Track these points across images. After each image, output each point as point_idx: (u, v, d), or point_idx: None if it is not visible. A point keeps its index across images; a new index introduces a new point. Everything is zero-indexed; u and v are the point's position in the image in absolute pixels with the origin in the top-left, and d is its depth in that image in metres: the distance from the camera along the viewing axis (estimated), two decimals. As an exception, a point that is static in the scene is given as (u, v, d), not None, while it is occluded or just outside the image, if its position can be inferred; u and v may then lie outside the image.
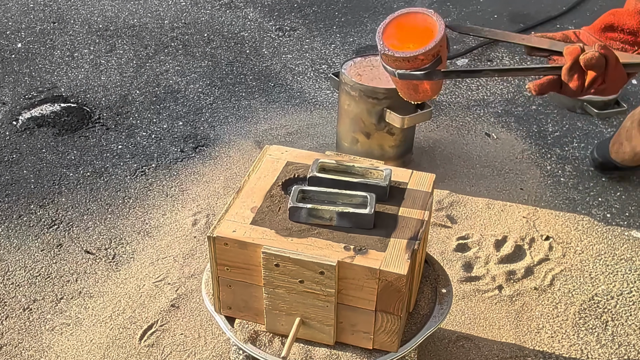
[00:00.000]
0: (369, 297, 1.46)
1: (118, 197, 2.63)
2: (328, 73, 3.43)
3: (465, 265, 2.34)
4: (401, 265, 1.42)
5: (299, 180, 1.65)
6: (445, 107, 3.21)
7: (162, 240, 2.44)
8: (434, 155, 2.88)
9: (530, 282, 2.29)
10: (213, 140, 2.97)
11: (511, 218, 2.55)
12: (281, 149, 1.77)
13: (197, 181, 2.72)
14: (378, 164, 1.69)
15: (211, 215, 2.54)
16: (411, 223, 1.53)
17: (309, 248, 1.46)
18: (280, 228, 1.51)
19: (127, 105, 3.19)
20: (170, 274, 2.30)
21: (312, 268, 1.44)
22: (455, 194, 2.66)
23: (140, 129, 3.03)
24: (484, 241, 2.44)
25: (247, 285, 1.54)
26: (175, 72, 3.43)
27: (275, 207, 1.57)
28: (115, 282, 2.28)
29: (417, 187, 1.64)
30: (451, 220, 2.53)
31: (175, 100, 3.23)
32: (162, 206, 2.59)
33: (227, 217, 1.54)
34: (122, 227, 2.49)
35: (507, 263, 2.36)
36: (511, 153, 2.92)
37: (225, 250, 1.50)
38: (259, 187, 1.63)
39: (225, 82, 3.38)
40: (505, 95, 3.30)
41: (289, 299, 1.51)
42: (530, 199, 2.66)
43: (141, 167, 2.79)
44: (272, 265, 1.46)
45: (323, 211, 1.50)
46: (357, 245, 1.47)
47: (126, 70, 3.45)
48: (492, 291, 2.25)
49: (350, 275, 1.45)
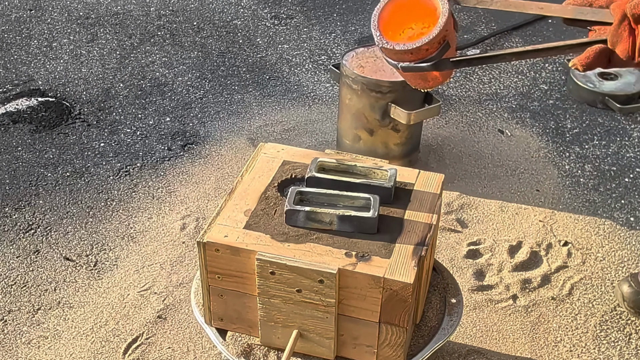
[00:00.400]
0: (373, 307, 1.46)
1: (100, 199, 2.63)
2: (328, 65, 3.43)
3: (476, 273, 2.34)
4: (407, 273, 1.42)
5: (297, 180, 1.65)
6: (455, 101, 3.21)
7: (148, 246, 2.43)
8: (442, 153, 2.87)
9: (547, 292, 2.29)
10: (203, 137, 2.96)
11: (526, 222, 2.55)
12: (277, 147, 1.76)
13: (186, 182, 2.72)
14: (382, 163, 1.69)
15: (201, 219, 2.54)
16: (418, 227, 1.53)
17: (307, 254, 1.46)
18: (276, 233, 1.51)
19: (109, 99, 3.18)
20: (157, 283, 2.29)
21: (310, 276, 1.44)
22: (465, 195, 2.66)
23: (124, 125, 3.03)
24: (497, 247, 2.44)
25: (240, 294, 1.54)
26: (162, 64, 3.43)
27: (271, 210, 1.57)
28: (97, 291, 2.27)
29: (424, 188, 1.64)
30: (461, 224, 2.53)
31: (162, 94, 3.23)
32: (147, 209, 2.59)
33: (219, 221, 1.54)
34: (104, 232, 2.49)
35: (522, 271, 2.36)
36: (526, 151, 2.92)
37: (216, 256, 1.50)
38: (253, 188, 1.63)
39: (217, 74, 3.37)
40: (520, 89, 3.30)
41: (286, 310, 1.51)
42: (547, 201, 2.66)
43: (125, 167, 2.79)
44: (267, 273, 1.46)
45: (322, 214, 1.50)
46: (360, 251, 1.47)
47: (109, 61, 3.44)
48: (505, 301, 2.25)
49: (352, 284, 1.44)
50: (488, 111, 3.15)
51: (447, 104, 3.18)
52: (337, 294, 1.46)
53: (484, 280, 2.32)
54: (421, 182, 1.66)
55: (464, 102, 3.20)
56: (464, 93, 3.26)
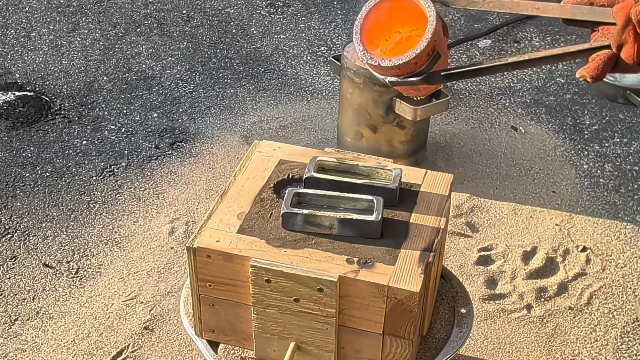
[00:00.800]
0: (376, 318, 1.46)
1: (82, 202, 2.63)
2: (328, 56, 3.43)
3: (488, 281, 2.34)
4: (413, 280, 1.42)
5: (294, 181, 1.65)
6: (464, 95, 3.21)
7: (134, 251, 2.44)
8: (451, 152, 2.88)
9: (564, 301, 2.30)
10: (193, 134, 2.96)
11: (542, 226, 2.55)
12: (273, 145, 1.77)
13: (175, 183, 2.72)
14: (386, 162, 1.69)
15: (191, 222, 2.54)
16: (425, 232, 1.53)
17: (306, 261, 1.46)
18: (271, 237, 1.51)
19: (92, 93, 3.18)
20: (143, 291, 2.30)
21: (309, 284, 1.44)
22: (476, 197, 2.66)
23: (108, 121, 3.03)
24: (510, 253, 2.44)
25: (233, 304, 1.54)
26: (149, 55, 3.43)
27: (266, 213, 1.57)
28: (79, 300, 2.27)
29: (431, 189, 1.64)
30: (472, 228, 2.53)
31: (149, 88, 3.23)
32: (133, 212, 2.59)
33: (210, 225, 1.54)
34: (86, 237, 2.49)
35: (537, 278, 2.36)
36: (542, 150, 2.92)
37: (207, 263, 1.50)
38: (247, 189, 1.63)
39: (208, 66, 3.37)
40: (534, 82, 3.30)
41: (282, 321, 1.51)
42: (564, 203, 2.66)
43: (109, 167, 2.79)
44: (262, 281, 1.46)
45: (322, 218, 1.50)
46: (362, 257, 1.47)
47: (91, 52, 3.44)
48: (519, 311, 2.25)
49: (354, 293, 1.45)
50: (500, 106, 3.15)
51: (456, 98, 3.18)
52: (338, 304, 1.46)
53: (496, 288, 2.32)
54: (428, 183, 1.66)
55: (475, 97, 3.20)
56: (475, 87, 3.27)
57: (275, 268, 1.45)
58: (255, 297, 1.50)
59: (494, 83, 3.28)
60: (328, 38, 3.57)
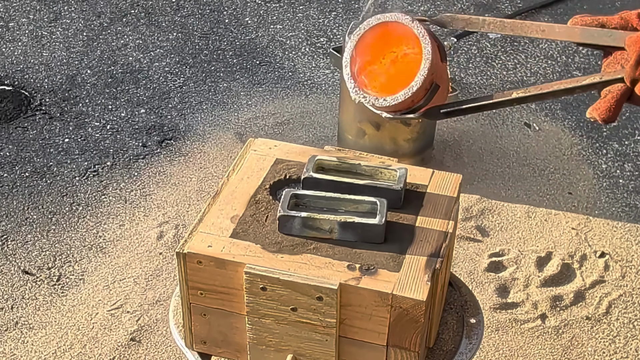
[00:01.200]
0: (379, 328, 1.46)
1: (64, 204, 2.63)
2: (328, 48, 3.43)
3: (499, 289, 2.34)
4: (419, 288, 1.42)
5: (291, 182, 1.65)
6: (474, 90, 3.21)
7: (120, 257, 2.44)
8: (460, 151, 2.88)
9: (581, 310, 2.30)
10: (183, 132, 2.96)
11: (557, 230, 2.55)
12: (269, 143, 1.77)
13: (164, 183, 2.72)
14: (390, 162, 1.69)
15: (181, 226, 2.54)
16: (432, 236, 1.53)
17: (304, 267, 1.46)
18: (267, 242, 1.51)
19: (75, 88, 3.18)
20: (130, 300, 2.29)
21: (307, 292, 1.44)
22: (486, 199, 2.66)
23: (92, 118, 3.03)
24: (523, 259, 2.44)
25: (226, 314, 1.54)
26: (136, 47, 3.43)
27: (262, 216, 1.57)
28: (61, 310, 2.27)
29: (439, 190, 1.64)
30: (482, 232, 2.53)
31: (135, 82, 3.23)
32: (119, 215, 2.59)
33: (201, 229, 1.54)
34: (69, 241, 2.49)
35: (552, 286, 2.36)
36: (557, 148, 2.92)
37: (198, 270, 1.50)
38: (241, 190, 1.63)
39: (199, 59, 3.37)
40: (549, 76, 3.30)
41: (279, 331, 1.51)
42: (581, 205, 2.66)
43: (93, 166, 2.79)
44: (257, 289, 1.46)
45: (321, 221, 1.50)
46: (364, 263, 1.47)
47: (74, 44, 3.44)
48: (533, 321, 2.25)
49: (356, 302, 1.44)
50: (513, 102, 3.15)
51: (465, 93, 3.18)
52: (338, 313, 1.46)
53: (508, 297, 2.32)
54: (435, 184, 1.66)
55: (485, 91, 3.20)
56: (485, 81, 3.27)
57: (271, 275, 1.45)
58: (249, 306, 1.50)
59: (505, 77, 3.28)
60: (328, 28, 3.57)
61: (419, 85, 1.34)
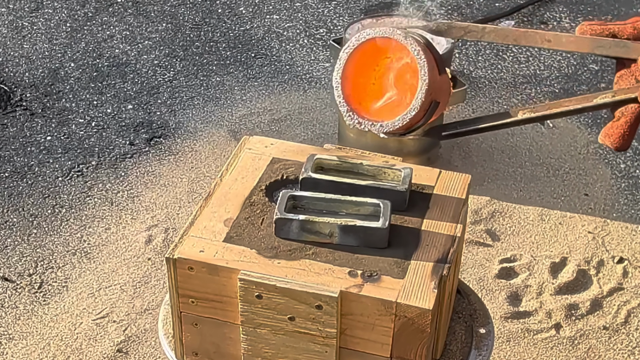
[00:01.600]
0: (383, 339, 1.46)
1: (46, 206, 2.63)
2: (328, 39, 3.43)
3: (511, 297, 2.34)
4: (425, 296, 1.42)
5: (289, 182, 1.65)
6: (484, 85, 3.21)
7: (106, 263, 2.43)
8: (469, 149, 2.88)
9: (598, 320, 2.30)
10: (173, 129, 2.96)
11: (572, 234, 2.55)
12: (265, 142, 1.77)
13: (153, 184, 2.72)
14: (394, 161, 1.69)
15: (171, 230, 2.54)
16: (438, 240, 1.53)
17: (302, 274, 1.46)
18: (263, 247, 1.51)
19: (58, 82, 3.18)
20: (117, 309, 2.29)
21: (306, 300, 1.44)
22: (497, 201, 2.66)
23: (76, 114, 3.03)
24: (536, 264, 2.44)
25: (218, 323, 1.54)
26: (123, 39, 3.43)
27: (257, 219, 1.57)
28: (43, 319, 2.27)
29: (446, 192, 1.64)
30: (492, 236, 2.53)
31: (122, 76, 3.23)
32: (105, 218, 2.59)
33: (193, 233, 1.54)
34: (51, 246, 2.49)
35: (567, 294, 2.36)
36: (572, 147, 2.92)
37: (189, 276, 1.50)
38: (234, 192, 1.63)
39: (190, 51, 3.37)
40: (564, 70, 3.30)
41: (275, 342, 1.51)
42: (598, 207, 2.66)
43: (77, 166, 2.79)
44: (252, 297, 1.46)
45: (321, 224, 1.50)
46: (367, 269, 1.47)
47: (57, 35, 3.44)
48: (547, 331, 2.25)
49: (358, 310, 1.44)
50: (525, 97, 3.15)
51: (474, 87, 3.18)
52: (339, 323, 1.46)
53: (520, 305, 2.32)
54: (442, 185, 1.66)
55: (496, 86, 3.20)
56: (496, 74, 3.27)
57: (267, 282, 1.45)
58: (244, 316, 1.50)
59: (517, 70, 3.29)
60: (328, 19, 3.57)
61: (417, 110, 1.36)
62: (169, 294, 1.57)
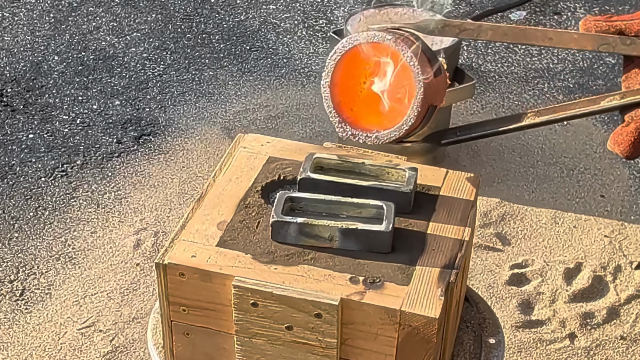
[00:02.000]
0: (386, 350, 1.46)
1: (28, 208, 2.62)
2: (327, 31, 3.43)
3: (522, 305, 2.34)
4: (431, 304, 1.42)
5: (286, 183, 1.65)
6: (493, 79, 3.21)
7: (91, 269, 2.43)
8: (477, 148, 2.88)
9: (615, 329, 2.30)
10: (164, 126, 2.96)
11: (588, 238, 2.55)
12: (261, 140, 1.77)
13: (141, 185, 2.72)
14: (398, 160, 1.69)
15: (161, 233, 2.54)
16: (445, 245, 1.53)
17: (300, 280, 1.46)
18: (259, 252, 1.51)
19: (41, 77, 3.18)
20: (103, 317, 2.29)
21: (304, 309, 1.44)
22: (508, 203, 2.66)
23: (59, 110, 3.03)
24: (549, 270, 2.44)
25: (211, 333, 1.54)
26: (110, 30, 3.43)
27: (252, 222, 1.57)
28: (24, 328, 2.27)
29: (453, 193, 1.64)
30: (502, 240, 2.53)
31: (109, 70, 3.23)
32: (91, 221, 2.59)
33: (184, 237, 1.54)
34: (33, 251, 2.49)
35: (583, 302, 2.36)
36: (587, 145, 2.92)
37: (181, 283, 1.50)
38: (229, 193, 1.63)
39: (181, 44, 3.37)
40: (579, 63, 3.31)
41: (272, 353, 1.51)
42: (615, 210, 2.66)
43: (61, 165, 2.79)
44: (247, 305, 1.46)
45: (320, 228, 1.50)
46: (369, 276, 1.47)
47: (40, 27, 3.44)
48: (560, 341, 2.26)
49: (359, 319, 1.45)
50: (537, 92, 3.16)
51: (483, 82, 3.18)
52: (340, 332, 1.46)
53: (532, 313, 2.32)
54: (450, 186, 1.66)
55: (506, 81, 3.20)
56: (506, 68, 3.27)
57: (263, 289, 1.45)
58: (239, 325, 1.50)
59: (529, 64, 3.29)
60: (327, 9, 3.57)
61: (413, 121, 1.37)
62: (158, 302, 1.57)
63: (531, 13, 3.54)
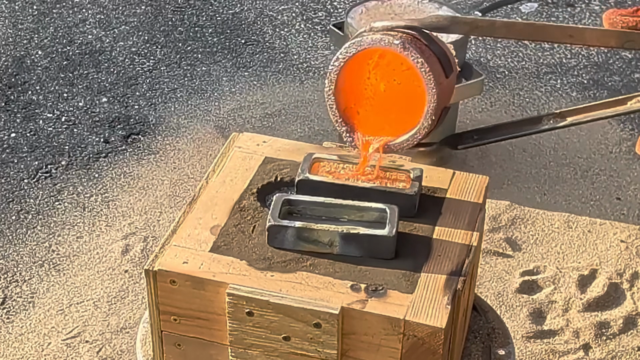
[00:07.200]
0: (389, 361, 1.46)
1: (10, 211, 2.63)
2: (327, 24, 3.43)
3: (534, 314, 2.34)
4: (437, 313, 1.42)
5: (283, 185, 1.65)
6: (503, 75, 3.22)
7: (77, 276, 2.43)
8: (486, 147, 2.88)
9: (631, 340, 2.30)
10: (153, 125, 2.96)
11: (603, 243, 2.55)
12: (256, 139, 1.77)
13: (130, 187, 2.72)
14: (402, 161, 1.69)
15: (151, 238, 2.54)
16: (452, 250, 1.53)
17: (299, 288, 1.46)
18: (254, 258, 1.51)
19: (23, 72, 3.18)
20: (89, 327, 2.29)
21: (303, 318, 1.44)
22: (518, 206, 2.66)
23: (44, 108, 3.03)
24: (563, 277, 2.44)
25: (204, 344, 1.54)
26: (97, 23, 3.43)
27: (248, 226, 1.57)
28: (6, 339, 2.27)
29: (461, 196, 1.64)
30: (513, 245, 2.53)
31: (96, 66, 3.23)
32: (76, 225, 2.59)
33: (175, 242, 1.54)
34: (15, 257, 2.49)
35: (597, 310, 2.37)
36: (603, 145, 2.92)
37: (172, 291, 1.50)
38: (223, 196, 1.63)
39: (172, 37, 3.38)
40: (593, 58, 3.31)
41: (269, 365, 1.51)
42: (632, 213, 2.66)
43: (45, 166, 2.79)
44: (242, 314, 1.46)
45: (319, 232, 1.50)
46: (371, 283, 1.47)
47: (23, 20, 3.44)
48: (574, 352, 2.26)
49: (361, 329, 1.45)
50: (550, 88, 3.16)
51: (492, 78, 3.18)
52: (340, 343, 1.46)
53: (544, 323, 2.32)
54: (457, 188, 1.66)
55: (516, 77, 3.21)
56: (517, 64, 3.27)
57: (259, 297, 1.45)
58: (233, 335, 1.50)
59: (541, 58, 3.29)
60: (327, 1, 3.58)
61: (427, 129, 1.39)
62: (148, 311, 1.57)
63: (543, 5, 3.55)
